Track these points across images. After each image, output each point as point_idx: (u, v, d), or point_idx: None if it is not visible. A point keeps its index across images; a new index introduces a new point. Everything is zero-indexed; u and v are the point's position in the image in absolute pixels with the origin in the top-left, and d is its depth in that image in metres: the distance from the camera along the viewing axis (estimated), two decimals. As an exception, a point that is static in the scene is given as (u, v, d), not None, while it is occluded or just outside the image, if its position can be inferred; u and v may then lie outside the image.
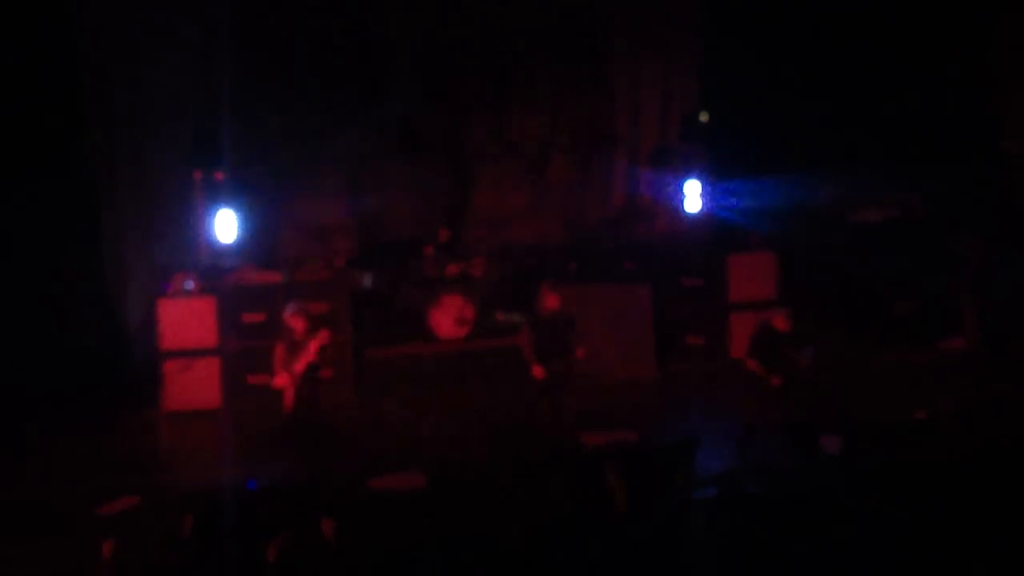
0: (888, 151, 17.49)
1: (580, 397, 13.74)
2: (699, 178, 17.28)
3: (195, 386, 15.22)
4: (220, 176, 15.75)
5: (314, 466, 13.08)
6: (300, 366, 13.42)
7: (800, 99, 17.39)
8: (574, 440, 13.11)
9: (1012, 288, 16.27)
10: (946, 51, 17.79)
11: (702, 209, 17.28)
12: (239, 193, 15.63)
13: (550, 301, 13.67)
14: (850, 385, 15.46)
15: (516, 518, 10.73)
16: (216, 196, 15.44)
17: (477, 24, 17.94)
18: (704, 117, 17.34)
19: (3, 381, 15.11)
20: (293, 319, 13.36)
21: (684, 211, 17.28)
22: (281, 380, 13.39)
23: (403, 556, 10.20)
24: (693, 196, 17.22)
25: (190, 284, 15.52)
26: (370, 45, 17.65)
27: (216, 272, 15.60)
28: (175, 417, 15.11)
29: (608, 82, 18.44)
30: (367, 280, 16.83)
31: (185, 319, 15.33)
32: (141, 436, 14.51)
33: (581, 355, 13.64)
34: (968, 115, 17.93)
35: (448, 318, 16.44)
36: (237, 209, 15.42)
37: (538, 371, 13.41)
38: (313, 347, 13.50)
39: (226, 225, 15.42)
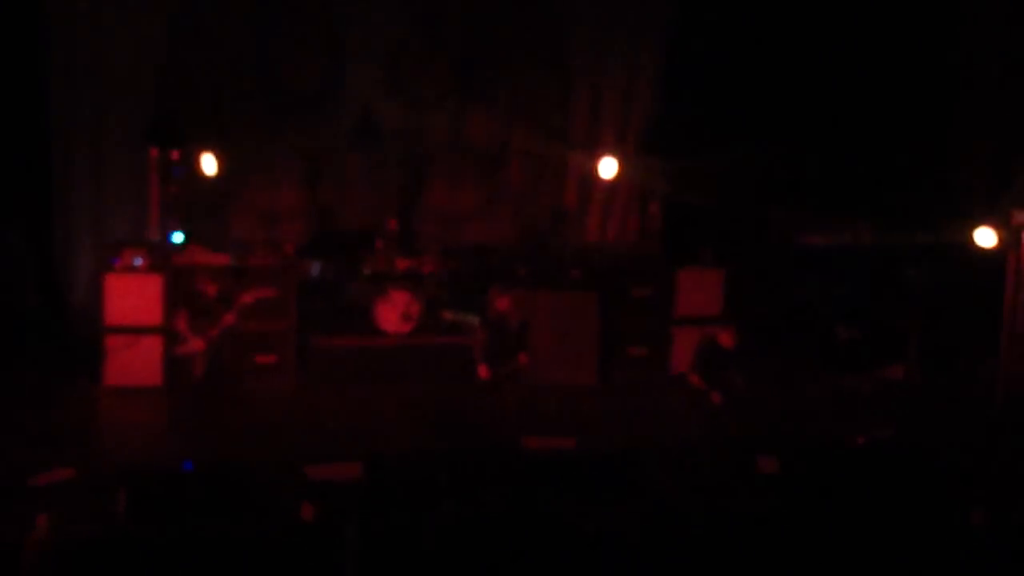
0: (840, 177, 17.60)
1: (521, 400, 13.82)
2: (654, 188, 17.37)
3: (137, 363, 15.18)
4: (176, 155, 15.72)
5: (252, 450, 13.11)
6: (216, 330, 13.50)
7: (757, 120, 17.49)
8: (514, 442, 13.17)
9: (955, 318, 16.44)
10: (901, 79, 17.93)
11: (655, 222, 17.35)
12: (191, 173, 15.61)
13: (500, 303, 13.77)
14: (789, 407, 15.59)
15: (450, 513, 10.76)
16: (171, 174, 15.41)
17: (440, 21, 17.96)
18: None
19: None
20: (204, 283, 13.48)
21: (636, 223, 17.32)
22: (197, 345, 13.46)
23: (334, 544, 10.21)
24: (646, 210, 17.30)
25: (138, 260, 15.46)
26: (333, 35, 17.63)
27: (165, 250, 15.55)
28: (115, 392, 15.06)
29: (568, 88, 18.50)
30: (315, 269, 16.81)
31: (131, 295, 15.29)
32: (80, 411, 14.44)
33: (523, 361, 13.75)
34: (919, 145, 18.08)
35: (394, 313, 16.43)
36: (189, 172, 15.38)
37: (484, 371, 13.51)
38: (232, 312, 13.59)
39: (177, 186, 15.37)
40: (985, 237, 14.58)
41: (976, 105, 18.01)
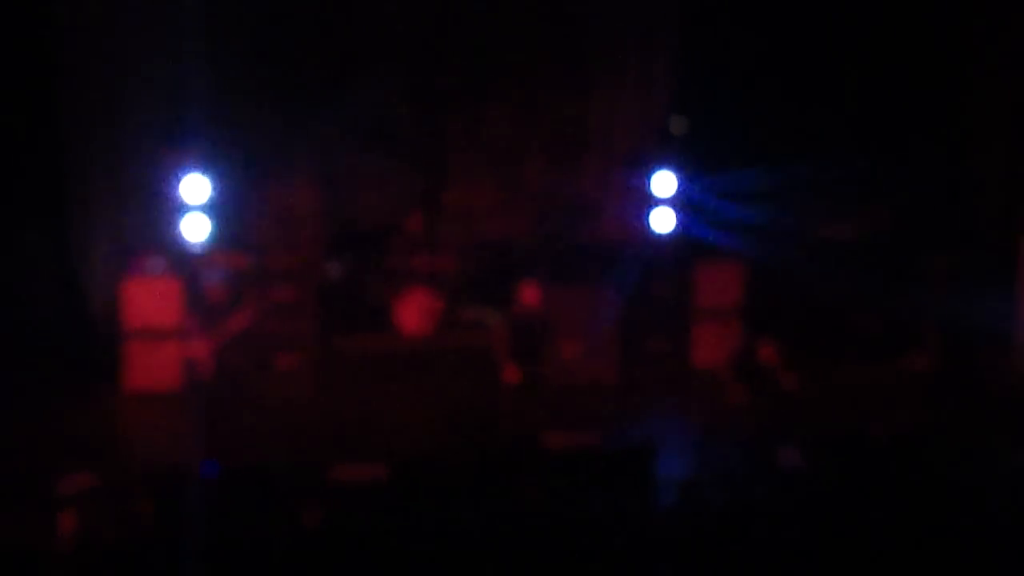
0: (857, 166, 17.55)
1: (542, 397, 13.80)
2: (672, 184, 17.24)
3: (158, 368, 15.18)
4: (190, 157, 15.70)
5: (274, 453, 13.13)
6: (224, 334, 13.35)
7: (774, 111, 17.44)
8: (536, 439, 13.16)
9: (976, 306, 16.36)
10: (918, 65, 17.87)
11: (672, 218, 17.24)
12: (208, 176, 15.60)
13: (528, 297, 13.62)
14: (809, 399, 15.56)
15: (477, 513, 10.75)
16: (185, 175, 15.41)
17: (455, 19, 17.92)
18: (678, 126, 17.14)
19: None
20: (213, 286, 13.29)
21: (653, 222, 17.21)
22: (203, 348, 13.30)
23: (363, 546, 10.20)
24: (663, 213, 17.16)
25: (158, 265, 15.46)
26: (345, 35, 17.60)
27: (184, 254, 15.55)
28: (136, 399, 15.07)
29: (585, 84, 18.45)
30: (334, 270, 16.80)
31: (150, 300, 15.30)
32: (100, 416, 14.45)
33: (562, 356, 13.62)
34: (937, 131, 18.03)
35: (414, 312, 16.42)
36: (207, 174, 15.33)
37: (511, 370, 13.42)
38: (245, 314, 13.43)
39: (194, 189, 15.33)
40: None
41: (992, 92, 17.94)
